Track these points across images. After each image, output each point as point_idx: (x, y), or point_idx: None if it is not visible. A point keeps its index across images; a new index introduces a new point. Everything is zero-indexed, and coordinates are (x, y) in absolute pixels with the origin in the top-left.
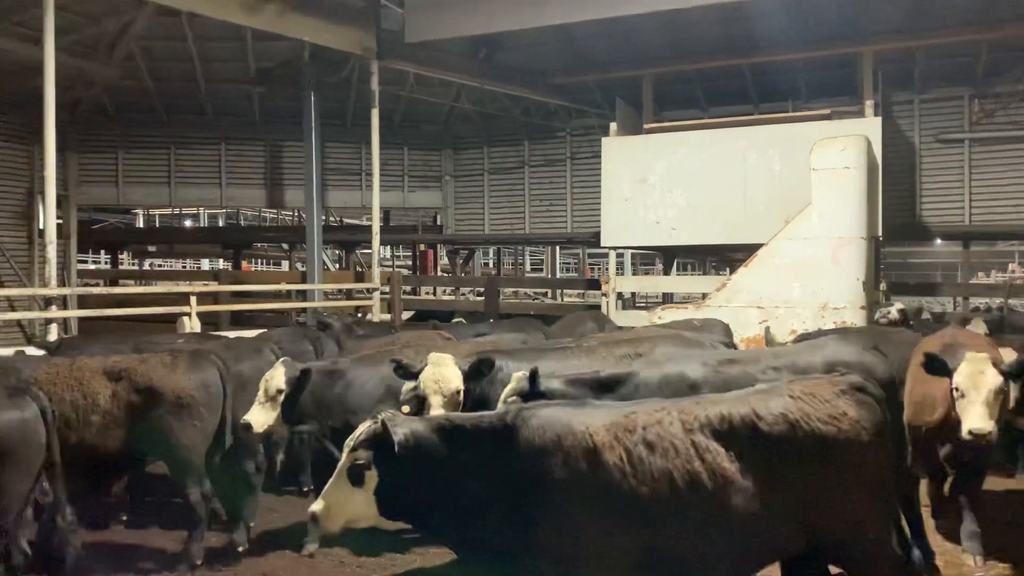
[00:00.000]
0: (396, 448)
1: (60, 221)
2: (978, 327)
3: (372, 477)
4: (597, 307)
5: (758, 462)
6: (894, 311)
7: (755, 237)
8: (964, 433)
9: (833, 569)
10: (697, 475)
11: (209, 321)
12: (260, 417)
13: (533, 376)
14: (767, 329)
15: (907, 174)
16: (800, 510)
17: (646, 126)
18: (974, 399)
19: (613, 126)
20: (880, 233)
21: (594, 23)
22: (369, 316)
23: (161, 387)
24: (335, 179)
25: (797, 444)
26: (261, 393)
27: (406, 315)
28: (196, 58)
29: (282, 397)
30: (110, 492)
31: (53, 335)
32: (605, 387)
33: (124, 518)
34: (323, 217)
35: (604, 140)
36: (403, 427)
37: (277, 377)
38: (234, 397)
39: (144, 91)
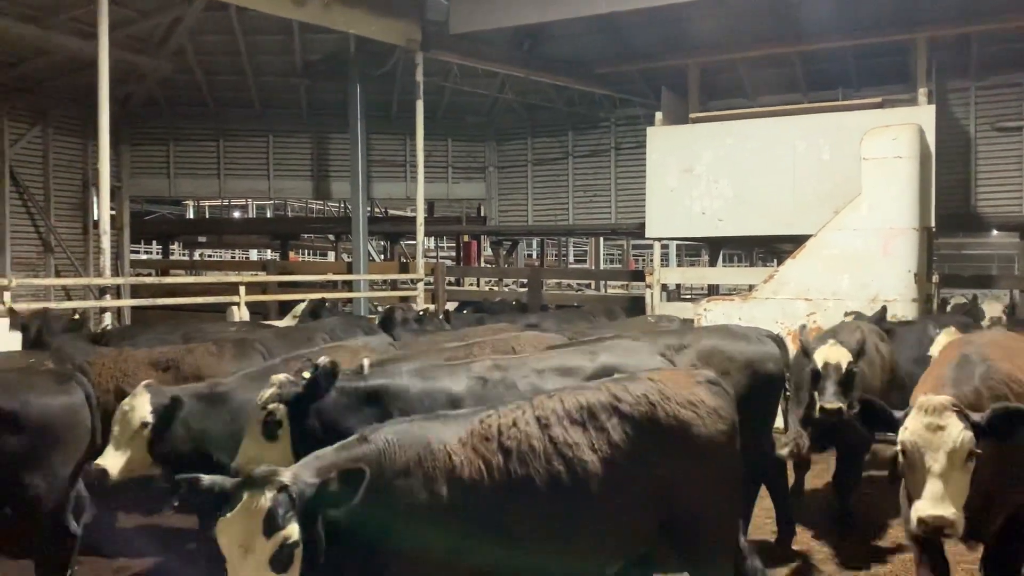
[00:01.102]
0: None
1: (114, 212)
2: (992, 308)
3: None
4: (640, 299)
5: (621, 447)
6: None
7: (803, 228)
8: (912, 523)
9: None
10: (558, 474)
11: (257, 310)
12: (117, 460)
13: (316, 379)
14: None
15: (962, 163)
16: (659, 498)
17: (692, 115)
18: (925, 469)
19: (658, 115)
20: (933, 224)
21: (639, 11)
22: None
23: (209, 376)
24: (380, 171)
25: (658, 426)
26: (117, 429)
27: (450, 306)
28: (244, 51)
29: (147, 431)
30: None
31: (107, 323)
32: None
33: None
34: (368, 208)
35: (649, 130)
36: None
37: (140, 407)
38: None
39: (194, 84)
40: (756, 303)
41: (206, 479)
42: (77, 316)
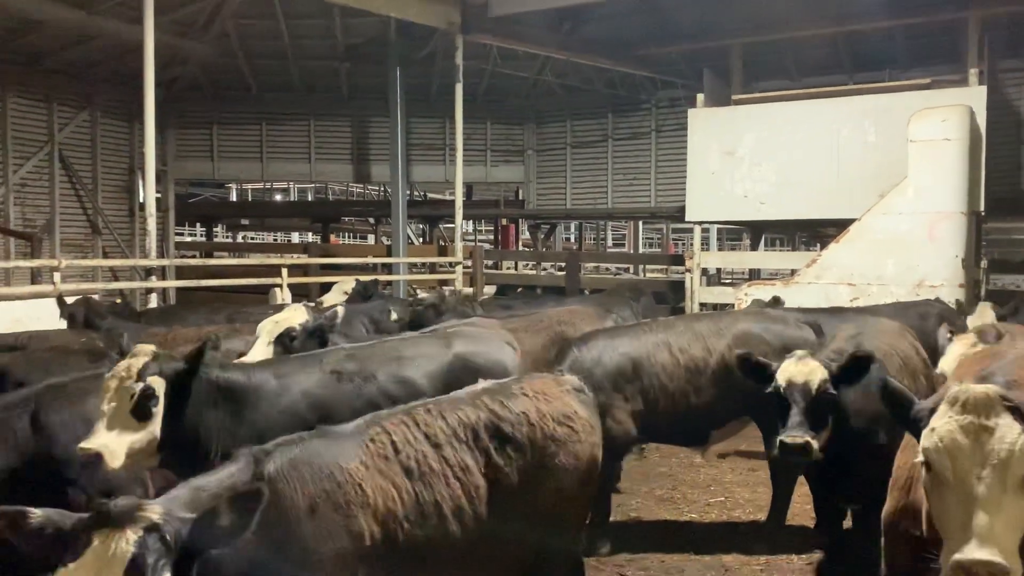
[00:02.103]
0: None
1: (159, 195)
2: (984, 315)
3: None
4: (679, 283)
5: (505, 469)
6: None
7: (847, 212)
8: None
9: None
10: (459, 499)
11: (299, 292)
12: (114, 441)
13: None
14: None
15: (1013, 146)
16: (539, 516)
17: (734, 97)
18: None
19: (700, 97)
20: (982, 208)
21: None
22: (451, 289)
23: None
24: (419, 154)
25: (539, 445)
26: (108, 406)
27: (489, 289)
28: (286, 35)
29: (159, 408)
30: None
31: (153, 304)
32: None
33: None
34: (408, 192)
35: (690, 112)
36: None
37: (153, 379)
38: None
39: (237, 68)
40: (798, 288)
41: (36, 514)
42: (119, 300)
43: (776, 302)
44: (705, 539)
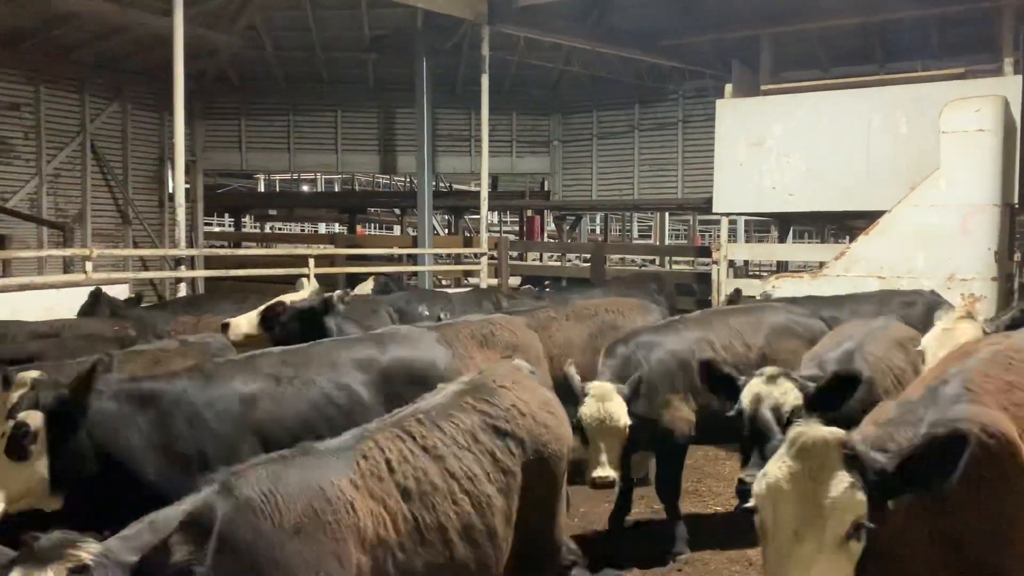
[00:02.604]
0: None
1: (188, 186)
2: (957, 323)
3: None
4: (706, 275)
5: (512, 468)
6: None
7: (877, 204)
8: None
9: None
10: (467, 516)
11: (326, 282)
12: None
13: None
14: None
15: None
16: (537, 511)
17: (763, 87)
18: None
19: (728, 88)
20: (1016, 200)
21: None
22: (477, 280)
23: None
24: (445, 145)
25: (535, 434)
26: None
27: (514, 280)
28: (313, 26)
29: (39, 445)
30: None
31: (182, 293)
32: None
33: None
34: (433, 183)
35: (718, 102)
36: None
37: (28, 414)
38: None
39: (265, 60)
40: (826, 280)
41: None
42: (133, 295)
43: (738, 294)
44: (730, 532)
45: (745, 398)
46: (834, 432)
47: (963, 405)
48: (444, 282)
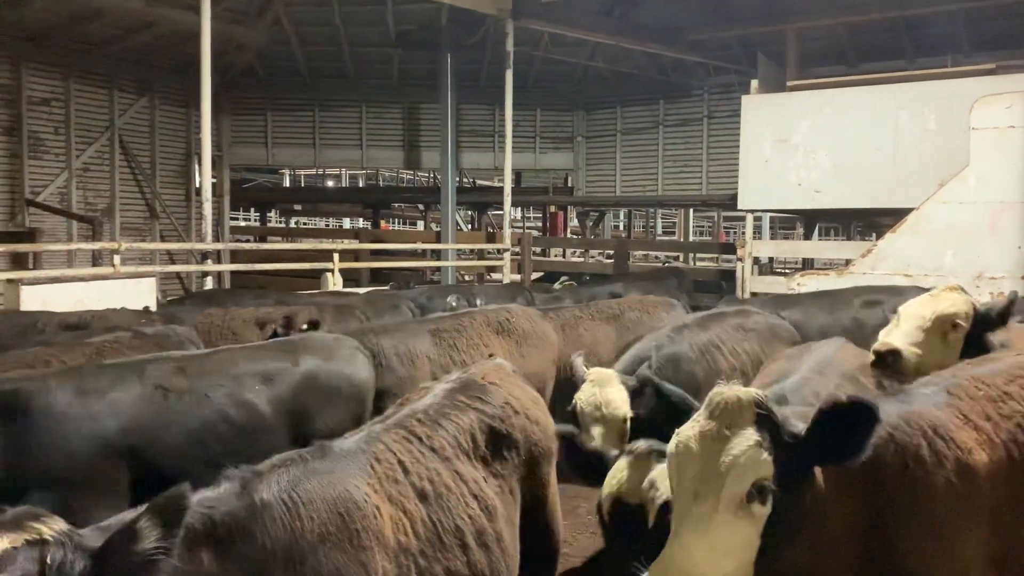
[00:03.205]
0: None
1: (214, 180)
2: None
3: None
4: (730, 272)
5: (509, 468)
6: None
7: (905, 201)
8: None
9: None
10: (479, 519)
11: (350, 277)
12: None
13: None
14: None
15: None
16: (534, 512)
17: (790, 83)
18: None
19: (754, 83)
20: None
21: None
22: (500, 276)
23: None
24: (469, 141)
25: (528, 432)
26: None
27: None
28: (339, 22)
29: None
30: None
31: (209, 286)
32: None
33: None
34: (457, 178)
35: (744, 98)
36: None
37: None
38: None
39: (291, 55)
40: (852, 278)
41: None
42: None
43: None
44: None
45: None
46: (748, 391)
47: (926, 406)
48: (467, 277)
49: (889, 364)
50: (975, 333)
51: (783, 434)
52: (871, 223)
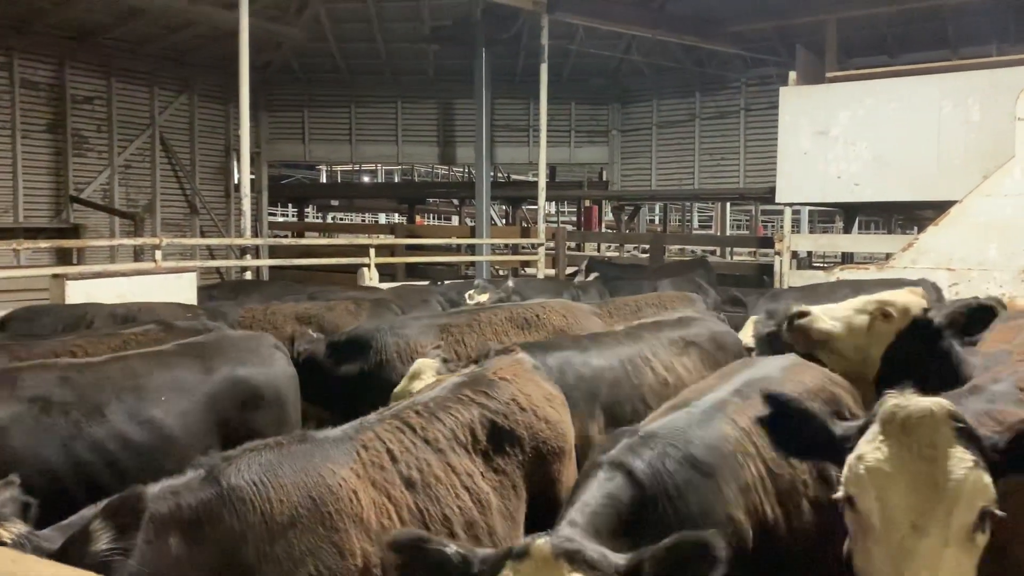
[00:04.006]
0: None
1: (253, 176)
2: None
3: None
4: (768, 267)
5: (508, 466)
6: None
7: (948, 193)
8: None
9: None
10: (469, 511)
11: (386, 272)
12: None
13: None
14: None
15: None
16: (540, 510)
17: (829, 74)
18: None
19: (792, 75)
20: None
21: None
22: (535, 271)
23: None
24: (504, 135)
25: (535, 429)
26: None
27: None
28: (375, 18)
29: None
30: None
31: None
32: None
33: None
34: (491, 173)
35: (782, 90)
36: None
37: None
38: None
39: (327, 52)
40: (893, 273)
41: None
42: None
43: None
44: None
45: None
46: (939, 402)
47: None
48: (501, 272)
49: (798, 328)
50: (918, 339)
51: (986, 450)
52: (912, 216)
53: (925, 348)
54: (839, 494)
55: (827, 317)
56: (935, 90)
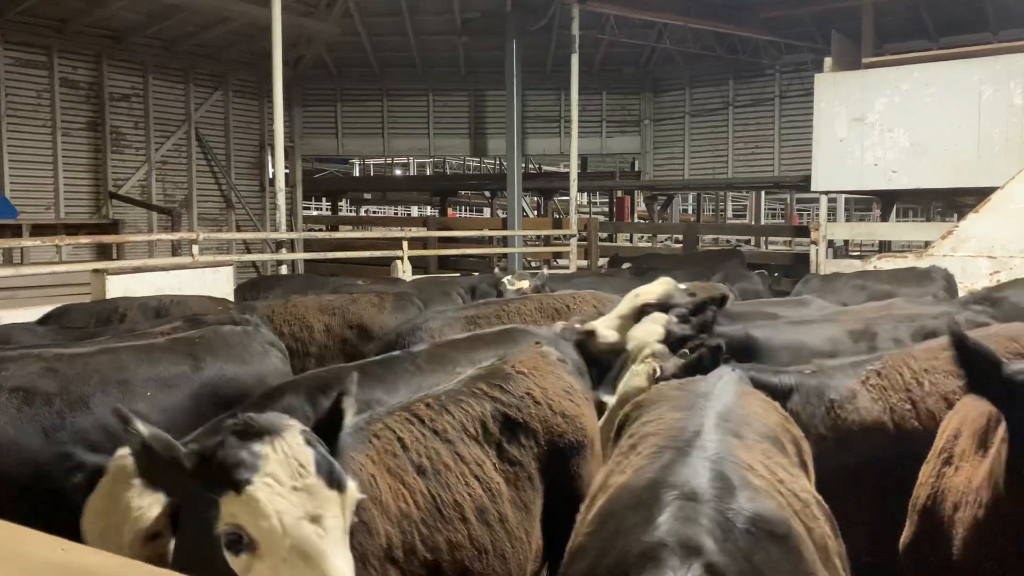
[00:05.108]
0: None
1: (287, 171)
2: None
3: None
4: (803, 256)
5: (520, 459)
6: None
7: (988, 180)
8: None
9: None
10: (479, 498)
11: (419, 265)
12: None
13: None
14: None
15: None
16: (556, 504)
17: (865, 60)
18: None
19: (828, 61)
20: None
21: None
22: (567, 263)
23: (370, 325)
24: (535, 127)
25: (549, 423)
26: None
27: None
28: (406, 11)
29: None
30: None
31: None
32: None
33: None
34: (523, 164)
35: (817, 76)
36: None
37: None
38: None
39: (359, 46)
40: (932, 261)
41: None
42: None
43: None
44: None
45: None
46: None
47: None
48: (533, 264)
49: (591, 344)
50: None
51: None
52: (952, 203)
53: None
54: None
55: (604, 328)
56: (975, 74)
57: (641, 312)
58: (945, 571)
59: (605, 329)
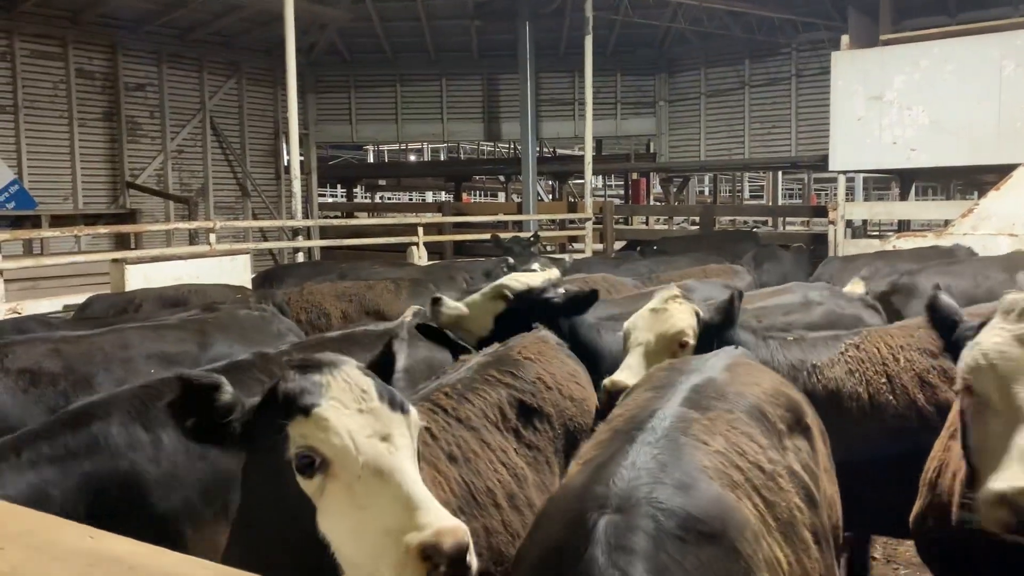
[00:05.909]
0: None
1: (302, 158)
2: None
3: None
4: (822, 236)
5: (539, 444)
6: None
7: (1009, 157)
8: (985, 500)
9: None
10: (508, 484)
11: (434, 250)
12: None
13: None
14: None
15: None
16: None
17: (883, 37)
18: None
19: (845, 39)
20: None
21: None
22: (583, 247)
23: (387, 311)
24: (549, 110)
25: (561, 407)
26: None
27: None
28: None
29: None
30: None
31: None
32: None
33: None
34: (537, 148)
35: (834, 54)
36: None
37: None
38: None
39: (372, 32)
40: (952, 240)
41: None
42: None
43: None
44: None
45: None
46: None
47: None
48: (549, 248)
49: (436, 312)
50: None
51: None
52: (972, 181)
53: (538, 319)
54: (957, 385)
55: (449, 300)
56: (996, 49)
57: (501, 296)
58: (947, 540)
59: (450, 300)
